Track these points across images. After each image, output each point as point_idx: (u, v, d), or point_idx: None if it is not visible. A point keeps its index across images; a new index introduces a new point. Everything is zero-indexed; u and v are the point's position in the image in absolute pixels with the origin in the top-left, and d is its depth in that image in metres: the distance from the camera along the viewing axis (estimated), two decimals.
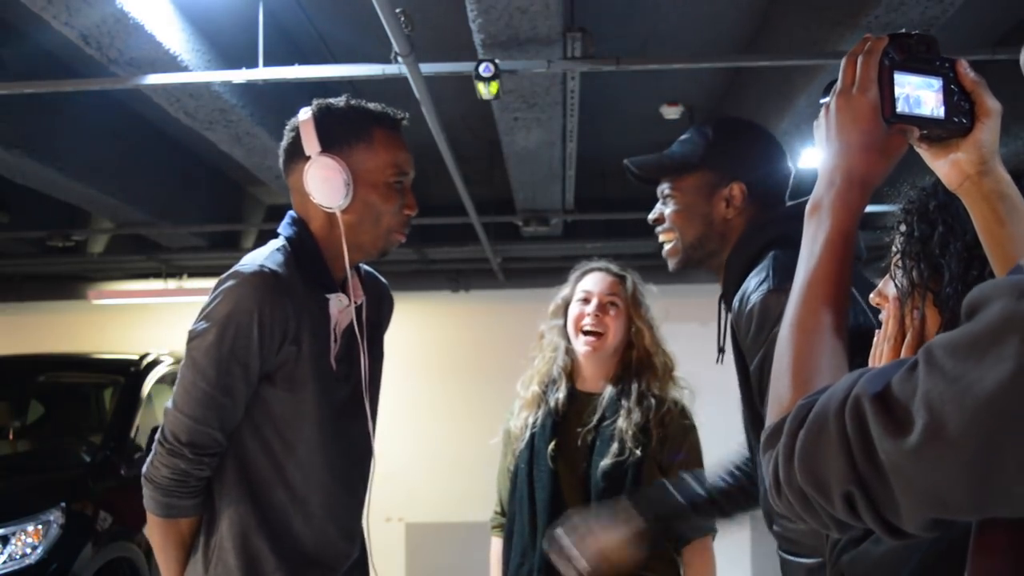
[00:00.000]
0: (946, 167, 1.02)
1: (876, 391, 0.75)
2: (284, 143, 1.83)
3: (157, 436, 1.75)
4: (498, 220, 6.37)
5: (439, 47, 3.82)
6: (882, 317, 1.25)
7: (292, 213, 1.84)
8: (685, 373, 2.52)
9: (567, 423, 2.46)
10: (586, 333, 2.44)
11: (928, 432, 0.69)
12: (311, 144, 1.76)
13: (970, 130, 1.00)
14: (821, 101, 1.03)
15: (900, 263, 1.17)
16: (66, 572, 4.06)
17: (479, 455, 3.49)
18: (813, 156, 1.25)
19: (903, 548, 1.06)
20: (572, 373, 2.53)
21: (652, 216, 1.85)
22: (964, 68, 1.00)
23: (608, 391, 2.44)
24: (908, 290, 1.17)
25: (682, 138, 1.86)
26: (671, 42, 4.36)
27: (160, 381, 5.25)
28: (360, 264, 1.93)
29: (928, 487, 0.71)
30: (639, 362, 2.45)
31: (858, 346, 1.14)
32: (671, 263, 1.83)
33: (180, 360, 1.78)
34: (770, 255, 1.64)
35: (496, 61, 3.38)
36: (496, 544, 2.59)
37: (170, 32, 3.48)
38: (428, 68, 3.51)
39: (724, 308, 1.78)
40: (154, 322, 7.40)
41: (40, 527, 4.08)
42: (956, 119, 0.99)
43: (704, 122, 1.88)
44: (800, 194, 1.54)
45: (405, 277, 7.64)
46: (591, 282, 2.50)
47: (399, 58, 3.27)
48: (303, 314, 1.73)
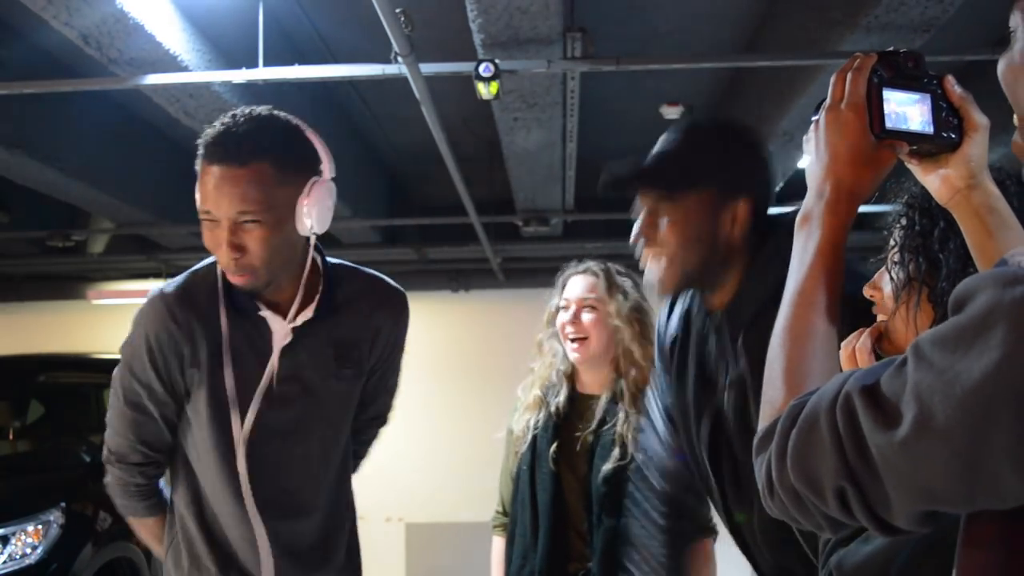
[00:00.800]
0: (936, 182, 1.04)
1: (866, 387, 0.76)
2: None
3: None
4: (498, 220, 6.37)
5: (439, 47, 3.82)
6: (875, 310, 1.26)
7: None
8: None
9: (568, 426, 2.46)
10: (571, 340, 2.44)
11: (917, 424, 0.70)
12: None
13: (959, 145, 1.02)
14: (812, 119, 1.05)
15: (899, 256, 1.19)
16: (66, 572, 4.06)
17: (479, 455, 3.49)
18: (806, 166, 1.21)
19: (891, 545, 1.07)
20: (573, 377, 2.53)
21: (637, 232, 1.62)
22: (951, 84, 1.02)
23: (605, 394, 2.44)
24: (905, 283, 1.18)
25: (673, 143, 1.62)
26: (671, 42, 4.36)
27: None
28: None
29: (918, 479, 0.72)
30: (625, 361, 2.44)
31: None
32: (660, 288, 1.62)
33: None
34: None
35: (496, 61, 3.38)
36: (498, 544, 2.59)
37: (170, 32, 3.48)
38: (428, 68, 3.51)
39: (726, 322, 1.61)
40: None
41: (40, 527, 4.08)
42: (945, 134, 1.01)
43: (695, 127, 1.70)
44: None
45: (405, 277, 7.60)
46: (569, 288, 2.49)
47: (399, 58, 3.27)
48: (204, 338, 1.73)
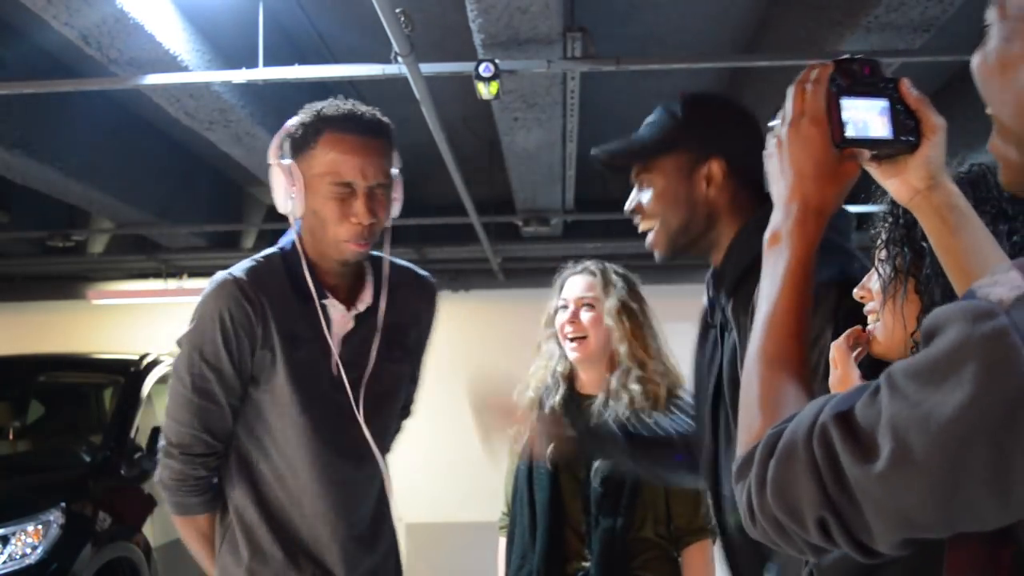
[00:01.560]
0: (896, 184, 1.06)
1: (842, 417, 0.77)
2: None
3: (160, 443, 1.87)
4: (498, 220, 6.37)
5: (439, 47, 3.83)
6: (866, 311, 1.28)
7: (298, 222, 1.85)
8: (686, 373, 2.51)
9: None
10: (570, 340, 2.44)
11: (895, 457, 0.72)
12: (272, 151, 1.78)
13: (917, 147, 1.02)
14: (770, 124, 1.05)
15: (884, 252, 1.20)
16: (66, 572, 4.06)
17: (479, 455, 3.48)
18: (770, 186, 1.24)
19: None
20: (572, 378, 2.53)
21: (629, 206, 1.76)
22: (907, 87, 1.03)
23: (601, 394, 2.44)
24: (891, 276, 1.20)
25: (649, 120, 1.76)
26: (671, 42, 4.37)
27: (160, 381, 5.24)
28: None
29: (898, 509, 0.73)
30: (615, 359, 2.44)
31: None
32: (657, 254, 1.74)
33: None
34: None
35: (496, 61, 3.38)
36: (504, 544, 2.60)
37: (170, 32, 3.48)
38: (428, 68, 3.51)
39: (717, 288, 1.70)
40: (154, 322, 7.38)
41: (40, 527, 4.08)
42: (903, 137, 1.02)
43: (671, 100, 1.78)
44: None
45: None
46: (568, 288, 2.50)
47: (399, 58, 3.27)
48: (275, 320, 1.76)
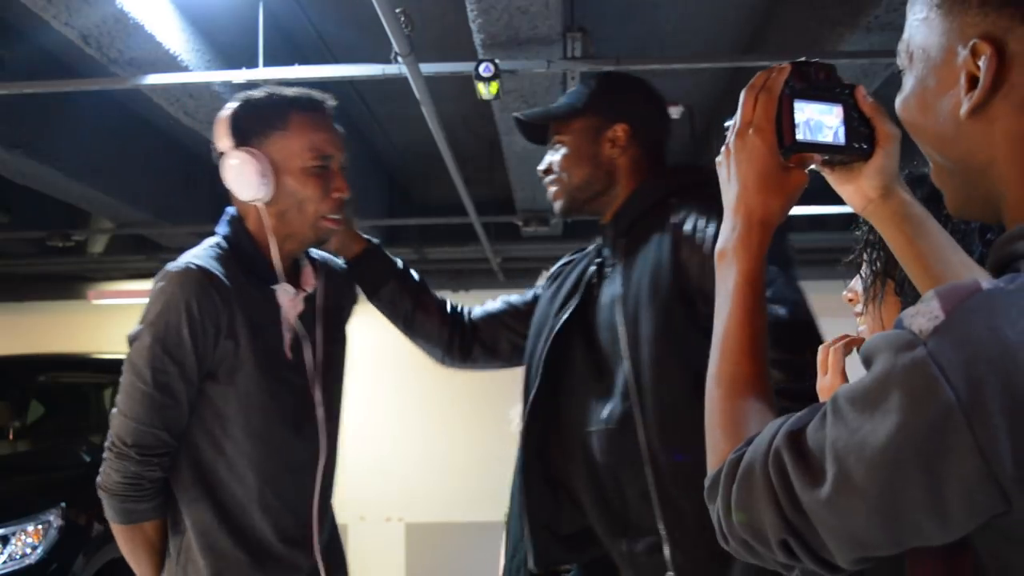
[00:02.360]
0: (850, 191, 1.06)
1: (793, 441, 0.79)
2: (212, 146, 1.83)
3: (106, 443, 1.75)
4: (498, 220, 6.37)
5: (439, 47, 3.83)
6: (854, 312, 1.29)
7: (230, 210, 1.85)
8: None
9: None
10: None
11: (837, 482, 0.74)
12: (222, 141, 1.76)
13: (871, 155, 1.02)
14: (725, 124, 1.04)
15: (864, 254, 1.21)
16: (66, 572, 4.07)
17: (479, 455, 3.49)
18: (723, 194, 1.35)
19: None
20: None
21: (541, 167, 1.93)
22: (863, 95, 1.03)
23: None
24: (871, 279, 1.20)
25: (569, 91, 1.99)
26: (671, 42, 4.37)
27: None
28: (315, 252, 1.95)
29: (847, 531, 0.76)
30: None
31: None
32: (556, 205, 1.92)
33: None
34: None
35: (496, 61, 3.38)
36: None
37: (170, 32, 3.48)
38: (428, 68, 3.51)
39: (615, 243, 1.86)
40: None
41: (40, 527, 4.08)
42: (856, 145, 1.02)
43: (589, 76, 2.00)
44: None
45: None
46: None
47: (399, 58, 3.27)
48: (239, 308, 1.73)
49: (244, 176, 1.74)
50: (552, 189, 1.93)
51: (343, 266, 2.06)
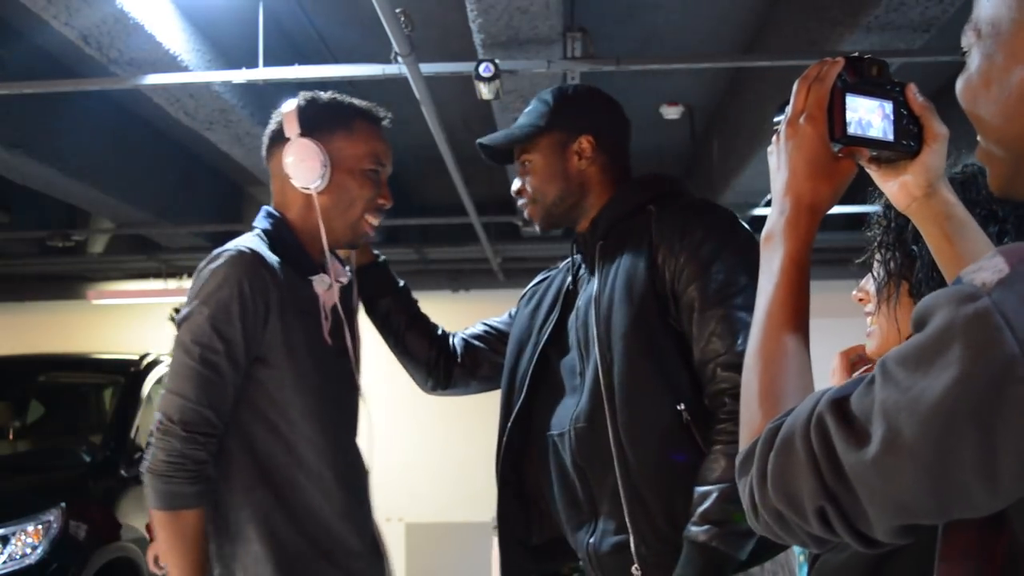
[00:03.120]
0: (894, 188, 1.07)
1: (837, 407, 0.78)
2: (268, 130, 1.91)
3: (152, 426, 1.76)
4: (498, 220, 6.37)
5: (439, 47, 3.83)
6: (865, 312, 1.29)
7: (266, 208, 1.92)
8: None
9: None
10: None
11: (886, 441, 0.73)
12: (292, 128, 1.84)
13: (918, 153, 1.03)
14: (774, 120, 1.05)
15: (878, 255, 1.21)
16: (66, 572, 4.06)
17: (479, 455, 3.48)
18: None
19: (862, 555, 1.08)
20: None
21: (514, 188, 1.98)
22: (913, 92, 1.03)
23: None
24: (885, 280, 1.21)
25: (525, 111, 1.98)
26: (671, 42, 4.37)
27: (160, 381, 5.25)
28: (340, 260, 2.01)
29: (892, 494, 0.74)
30: None
31: None
32: (537, 225, 1.97)
33: None
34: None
35: (496, 61, 3.38)
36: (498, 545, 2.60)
37: (170, 32, 3.48)
38: (428, 68, 3.51)
39: (592, 249, 1.88)
40: (154, 322, 7.38)
41: (40, 527, 4.08)
42: (905, 142, 1.02)
43: (542, 92, 2.00)
44: None
45: (405, 277, 7.57)
46: None
47: (399, 58, 3.27)
48: (286, 293, 1.78)
49: (307, 162, 1.83)
50: (528, 209, 1.96)
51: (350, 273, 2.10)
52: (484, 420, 2.97)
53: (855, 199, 1.83)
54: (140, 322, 7.52)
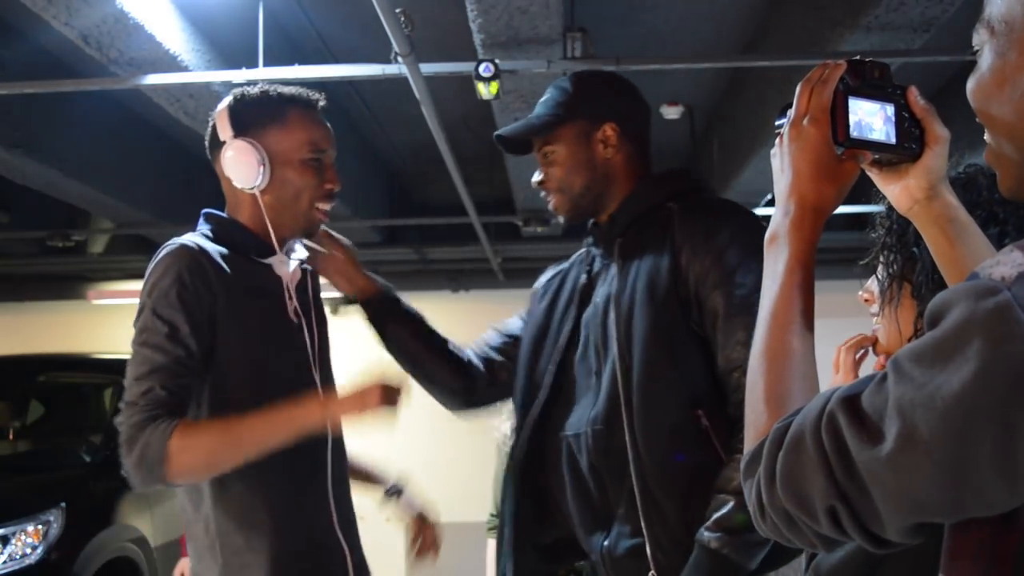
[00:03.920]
0: (896, 191, 1.07)
1: (849, 404, 0.77)
2: (206, 136, 1.89)
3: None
4: (498, 220, 6.37)
5: (439, 47, 3.83)
6: (870, 313, 1.29)
7: (205, 211, 1.89)
8: None
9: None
10: None
11: (901, 438, 0.72)
12: (225, 129, 1.82)
13: (920, 156, 1.03)
14: (776, 123, 1.05)
15: (881, 256, 1.21)
16: (66, 572, 4.06)
17: (479, 455, 3.48)
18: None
19: (861, 555, 1.08)
20: None
21: (536, 179, 1.91)
22: (915, 95, 1.04)
23: None
24: (887, 282, 1.21)
25: (543, 100, 1.91)
26: (671, 42, 4.37)
27: None
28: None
29: (906, 492, 0.73)
30: None
31: None
32: (563, 217, 1.91)
33: None
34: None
35: (496, 61, 3.38)
36: (492, 546, 2.60)
37: (170, 32, 3.48)
38: (428, 68, 3.51)
39: (611, 242, 1.84)
40: None
41: (40, 527, 4.08)
42: (907, 145, 1.03)
43: (559, 79, 1.94)
44: None
45: (405, 277, 7.62)
46: None
47: (399, 58, 3.27)
48: (234, 278, 1.77)
49: (243, 164, 1.81)
50: (552, 200, 1.90)
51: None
52: (482, 421, 2.97)
53: (859, 199, 1.83)
54: None
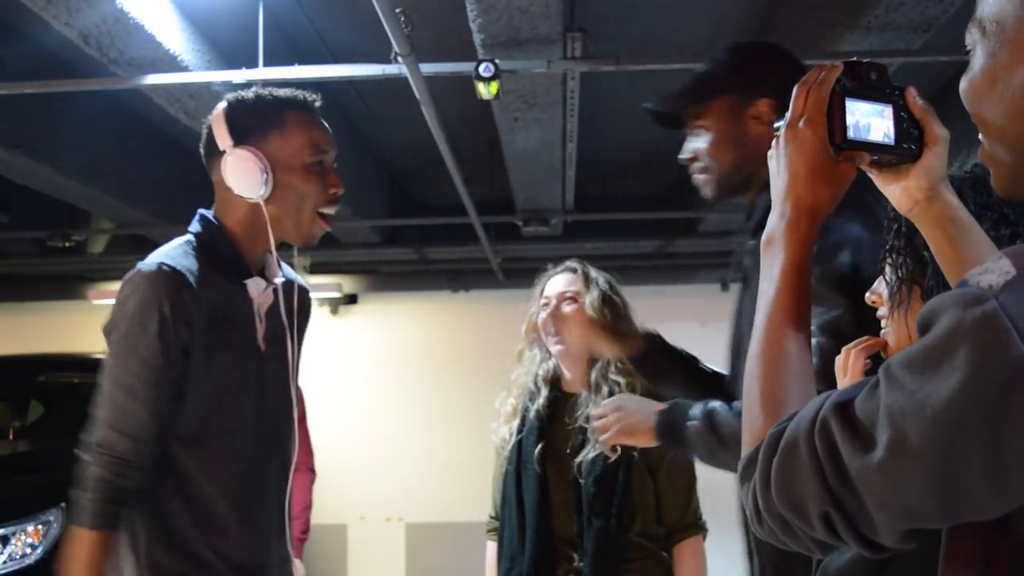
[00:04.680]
0: (896, 192, 1.07)
1: (842, 411, 0.77)
2: (201, 142, 1.84)
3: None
4: (498, 220, 6.36)
5: (439, 47, 3.82)
6: (878, 315, 1.29)
7: (202, 211, 1.85)
8: None
9: (554, 425, 2.46)
10: (551, 335, 2.43)
11: (892, 446, 0.72)
12: (223, 139, 1.78)
13: (919, 156, 1.03)
14: (775, 125, 1.05)
15: (890, 259, 1.21)
16: None
17: (479, 455, 3.49)
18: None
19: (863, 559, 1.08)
20: (558, 378, 2.53)
21: (685, 155, 1.84)
22: (913, 96, 1.04)
23: (585, 390, 2.44)
24: (897, 285, 1.20)
25: (696, 71, 1.85)
26: (671, 42, 4.36)
27: None
28: (281, 264, 1.95)
29: (898, 499, 0.74)
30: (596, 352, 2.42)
31: None
32: (706, 192, 1.82)
33: None
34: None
35: (496, 61, 3.38)
36: (491, 548, 2.60)
37: (170, 32, 3.48)
38: (428, 68, 3.51)
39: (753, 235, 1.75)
40: None
41: (40, 527, 4.08)
42: (905, 145, 1.02)
43: (713, 51, 1.86)
44: None
45: (405, 277, 7.62)
46: (549, 287, 2.50)
47: (399, 58, 3.27)
48: (210, 305, 1.73)
49: (246, 174, 1.76)
50: (700, 177, 1.82)
51: (299, 280, 2.03)
52: (483, 420, 2.98)
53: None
54: None
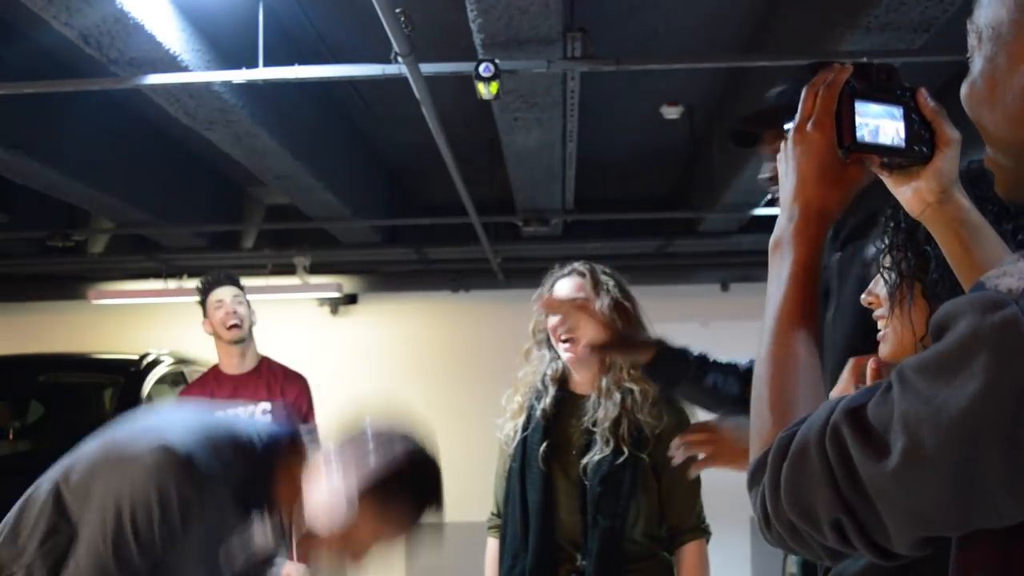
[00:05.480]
0: (907, 194, 1.05)
1: (854, 416, 0.76)
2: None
3: None
4: (498, 220, 6.36)
5: (439, 47, 3.82)
6: (876, 315, 1.27)
7: (296, 428, 1.83)
8: None
9: (560, 425, 2.46)
10: (563, 341, 2.42)
11: (907, 453, 0.71)
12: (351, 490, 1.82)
13: (930, 159, 1.02)
14: (786, 127, 1.04)
15: (889, 257, 1.20)
16: None
17: (479, 455, 3.49)
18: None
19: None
20: (565, 379, 2.52)
21: (764, 175, 1.84)
22: (924, 97, 1.02)
23: (595, 393, 2.43)
24: (898, 282, 1.19)
25: (778, 89, 1.87)
26: (671, 42, 4.36)
27: (160, 381, 5.23)
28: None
29: (913, 507, 0.73)
30: (611, 359, 2.42)
31: None
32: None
33: (180, 360, 1.75)
34: None
35: (496, 61, 3.38)
36: (492, 545, 2.60)
37: (170, 32, 3.48)
38: (428, 68, 3.51)
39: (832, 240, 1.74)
40: (154, 322, 7.38)
41: None
42: (916, 148, 1.01)
43: (796, 71, 1.88)
44: None
45: (405, 277, 7.62)
46: (557, 290, 2.49)
47: (399, 58, 3.27)
48: (208, 532, 1.66)
49: (336, 514, 1.76)
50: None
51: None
52: (483, 421, 2.98)
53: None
54: (140, 322, 7.51)
